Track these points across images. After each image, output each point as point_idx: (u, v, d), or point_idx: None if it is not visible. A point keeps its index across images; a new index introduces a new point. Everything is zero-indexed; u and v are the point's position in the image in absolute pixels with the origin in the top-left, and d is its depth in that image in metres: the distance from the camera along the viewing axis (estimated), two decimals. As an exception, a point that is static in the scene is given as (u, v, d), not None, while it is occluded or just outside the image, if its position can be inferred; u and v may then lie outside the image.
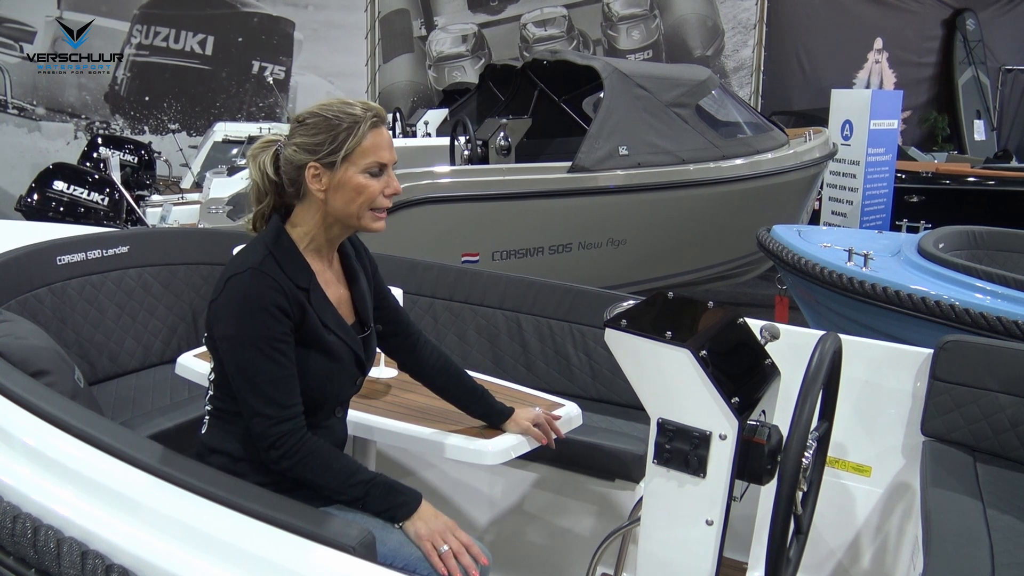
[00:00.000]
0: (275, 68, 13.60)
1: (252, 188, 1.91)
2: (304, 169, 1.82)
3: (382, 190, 1.85)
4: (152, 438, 2.36)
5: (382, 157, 1.84)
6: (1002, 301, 3.83)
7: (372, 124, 1.83)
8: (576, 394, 3.05)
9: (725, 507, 1.76)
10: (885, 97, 8.51)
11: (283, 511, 1.53)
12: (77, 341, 3.09)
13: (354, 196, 1.82)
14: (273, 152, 1.87)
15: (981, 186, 9.05)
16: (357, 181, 1.82)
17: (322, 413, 1.88)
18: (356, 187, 1.82)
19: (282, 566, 1.41)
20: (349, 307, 1.97)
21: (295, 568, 1.41)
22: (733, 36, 14.42)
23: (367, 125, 1.82)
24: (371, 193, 1.83)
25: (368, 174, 1.83)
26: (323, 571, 1.42)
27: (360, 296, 1.99)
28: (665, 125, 6.53)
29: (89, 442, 1.68)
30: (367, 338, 1.98)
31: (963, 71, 14.51)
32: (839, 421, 2.21)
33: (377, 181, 1.84)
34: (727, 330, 1.98)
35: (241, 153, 8.56)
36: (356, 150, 1.81)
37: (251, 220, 1.93)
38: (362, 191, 1.82)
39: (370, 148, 1.82)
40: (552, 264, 6.13)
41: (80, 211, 5.86)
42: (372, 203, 1.84)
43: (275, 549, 1.45)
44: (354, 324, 1.96)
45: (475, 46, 14.19)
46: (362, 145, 1.81)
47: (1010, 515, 2.26)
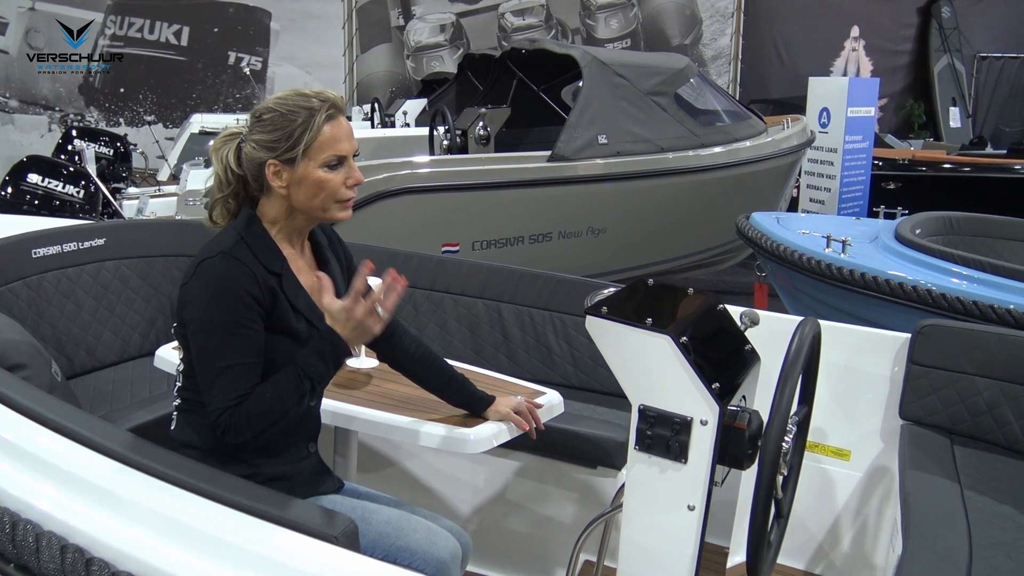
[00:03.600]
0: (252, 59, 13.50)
1: (215, 180, 1.89)
2: (264, 166, 1.80)
3: (343, 182, 1.83)
4: (131, 431, 2.34)
5: (340, 150, 1.82)
6: (978, 286, 3.87)
7: (328, 116, 1.80)
8: (557, 382, 3.05)
9: (706, 492, 1.77)
10: (862, 85, 8.57)
11: (265, 501, 1.52)
12: (54, 335, 3.06)
13: (316, 191, 1.81)
14: (236, 146, 1.85)
15: (957, 173, 9.13)
16: (317, 176, 1.80)
17: None
18: (317, 182, 1.80)
19: (265, 556, 1.40)
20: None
21: (278, 558, 1.40)
22: (711, 24, 14.45)
23: (322, 118, 1.79)
24: (332, 187, 1.82)
25: (327, 167, 1.81)
26: (306, 561, 1.41)
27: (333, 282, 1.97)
28: (644, 114, 6.53)
29: (67, 436, 1.67)
30: None
31: (939, 59, 14.62)
32: (818, 406, 2.22)
33: (337, 174, 1.82)
34: (707, 316, 1.99)
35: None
36: (314, 145, 1.79)
37: (209, 209, 1.91)
38: (323, 186, 1.81)
39: (327, 142, 1.80)
40: (532, 253, 6.13)
41: (55, 204, 5.78)
42: (335, 196, 1.83)
43: (258, 539, 1.44)
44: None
45: (453, 36, 14.14)
46: (319, 140, 1.79)
47: (987, 496, 2.29)
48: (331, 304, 1.77)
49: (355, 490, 2.05)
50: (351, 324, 1.75)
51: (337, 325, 1.76)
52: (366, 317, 1.75)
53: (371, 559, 1.44)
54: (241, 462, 1.80)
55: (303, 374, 1.74)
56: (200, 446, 1.82)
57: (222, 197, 1.88)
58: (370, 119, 8.84)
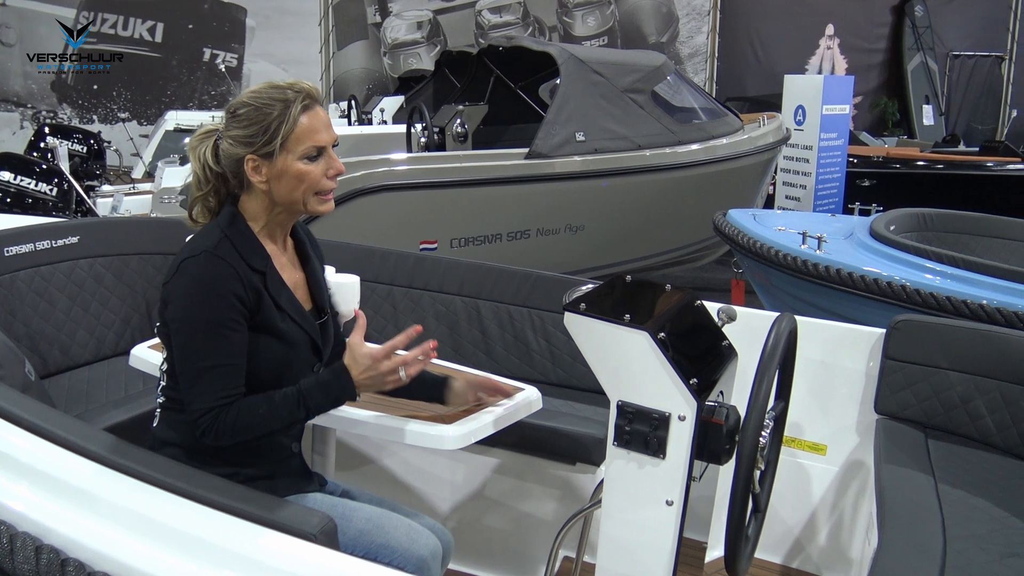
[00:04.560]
0: (227, 55, 13.42)
1: (193, 178, 1.86)
2: (243, 162, 1.77)
3: (324, 173, 1.80)
4: (107, 431, 2.31)
5: (318, 140, 1.78)
6: (951, 281, 3.91)
7: (304, 107, 1.77)
8: (536, 379, 3.05)
9: (685, 487, 1.78)
10: (837, 83, 8.62)
11: (242, 500, 1.52)
12: (27, 334, 3.02)
13: (296, 184, 1.78)
14: (212, 143, 1.82)
15: (930, 170, 9.22)
16: (297, 168, 1.77)
17: None
18: (297, 175, 1.77)
19: (243, 555, 1.40)
20: (305, 292, 1.93)
21: (256, 556, 1.40)
22: (687, 23, 14.52)
23: (298, 109, 1.76)
24: (313, 179, 1.78)
25: (307, 159, 1.77)
26: (284, 559, 1.40)
27: (315, 279, 1.96)
28: (621, 111, 6.54)
29: (41, 435, 1.65)
30: (324, 324, 1.94)
31: (912, 57, 14.75)
32: (795, 401, 2.24)
33: (317, 165, 1.79)
34: (685, 313, 2.00)
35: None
36: (291, 137, 1.75)
37: (188, 208, 1.88)
38: (303, 178, 1.78)
39: (305, 133, 1.76)
40: (510, 251, 6.12)
41: (28, 202, 5.72)
42: (316, 188, 1.80)
43: (235, 538, 1.43)
44: (312, 310, 1.93)
45: (430, 33, 14.11)
46: (296, 131, 1.76)
47: (961, 489, 2.31)
48: (358, 346, 1.77)
49: (337, 488, 2.04)
50: (370, 373, 1.75)
51: (354, 367, 1.76)
52: (388, 373, 1.76)
53: (350, 556, 1.44)
54: (223, 462, 1.77)
55: (302, 401, 1.73)
56: (182, 445, 1.79)
57: (201, 195, 1.85)
58: (347, 116, 8.80)
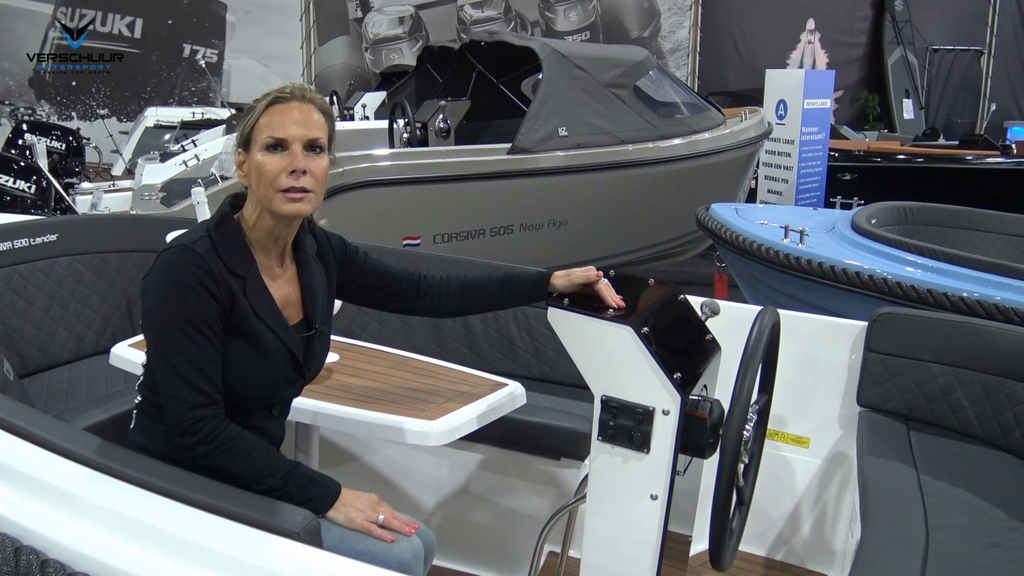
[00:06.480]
0: (207, 51, 13.33)
1: None
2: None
3: (284, 168, 1.71)
4: (87, 430, 2.29)
5: (275, 131, 1.71)
6: (932, 274, 3.93)
7: (273, 100, 1.74)
8: (520, 375, 3.05)
9: (669, 481, 1.78)
10: (818, 77, 8.67)
11: (224, 499, 1.50)
12: (5, 333, 2.99)
13: (258, 177, 1.73)
14: None
15: (911, 163, 9.29)
16: (258, 160, 1.72)
17: (258, 413, 1.81)
18: (258, 167, 1.72)
19: (226, 554, 1.39)
20: (298, 308, 1.88)
21: (239, 556, 1.38)
22: (669, 17, 14.55)
23: (266, 101, 1.73)
24: (269, 171, 1.70)
25: (265, 150, 1.72)
26: (268, 558, 1.39)
27: (311, 299, 1.89)
28: (604, 106, 6.55)
29: (21, 435, 1.63)
30: (311, 338, 1.88)
31: (892, 51, 14.85)
32: (778, 394, 2.25)
33: (277, 157, 1.72)
34: (668, 307, 2.00)
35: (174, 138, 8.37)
36: (255, 127, 1.73)
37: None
38: (261, 170, 1.72)
39: (266, 124, 1.72)
40: (494, 246, 6.12)
41: (6, 200, 5.68)
42: (275, 184, 1.71)
43: (218, 537, 1.42)
44: (299, 323, 1.87)
45: (412, 28, 14.07)
46: (260, 122, 1.73)
47: (942, 480, 2.33)
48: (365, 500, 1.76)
49: None
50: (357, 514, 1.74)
51: (347, 495, 1.75)
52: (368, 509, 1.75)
53: (334, 555, 1.43)
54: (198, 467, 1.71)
55: (289, 477, 1.70)
56: (155, 453, 1.73)
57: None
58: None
